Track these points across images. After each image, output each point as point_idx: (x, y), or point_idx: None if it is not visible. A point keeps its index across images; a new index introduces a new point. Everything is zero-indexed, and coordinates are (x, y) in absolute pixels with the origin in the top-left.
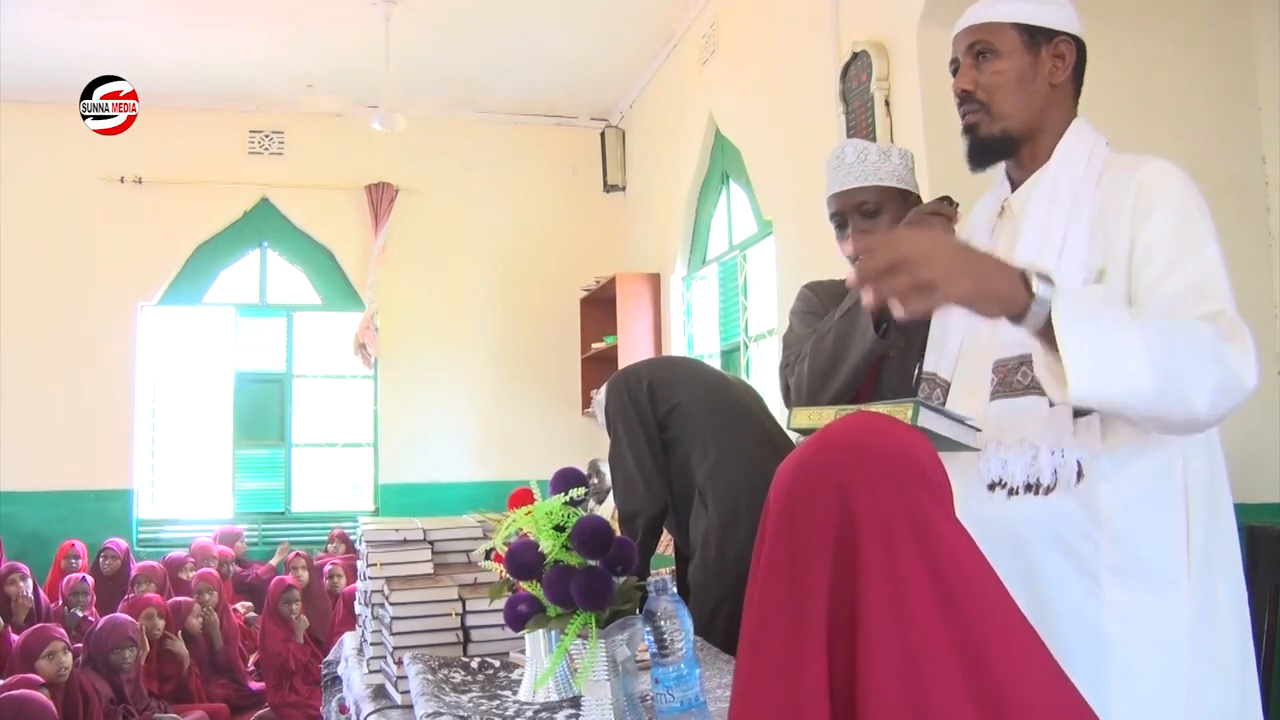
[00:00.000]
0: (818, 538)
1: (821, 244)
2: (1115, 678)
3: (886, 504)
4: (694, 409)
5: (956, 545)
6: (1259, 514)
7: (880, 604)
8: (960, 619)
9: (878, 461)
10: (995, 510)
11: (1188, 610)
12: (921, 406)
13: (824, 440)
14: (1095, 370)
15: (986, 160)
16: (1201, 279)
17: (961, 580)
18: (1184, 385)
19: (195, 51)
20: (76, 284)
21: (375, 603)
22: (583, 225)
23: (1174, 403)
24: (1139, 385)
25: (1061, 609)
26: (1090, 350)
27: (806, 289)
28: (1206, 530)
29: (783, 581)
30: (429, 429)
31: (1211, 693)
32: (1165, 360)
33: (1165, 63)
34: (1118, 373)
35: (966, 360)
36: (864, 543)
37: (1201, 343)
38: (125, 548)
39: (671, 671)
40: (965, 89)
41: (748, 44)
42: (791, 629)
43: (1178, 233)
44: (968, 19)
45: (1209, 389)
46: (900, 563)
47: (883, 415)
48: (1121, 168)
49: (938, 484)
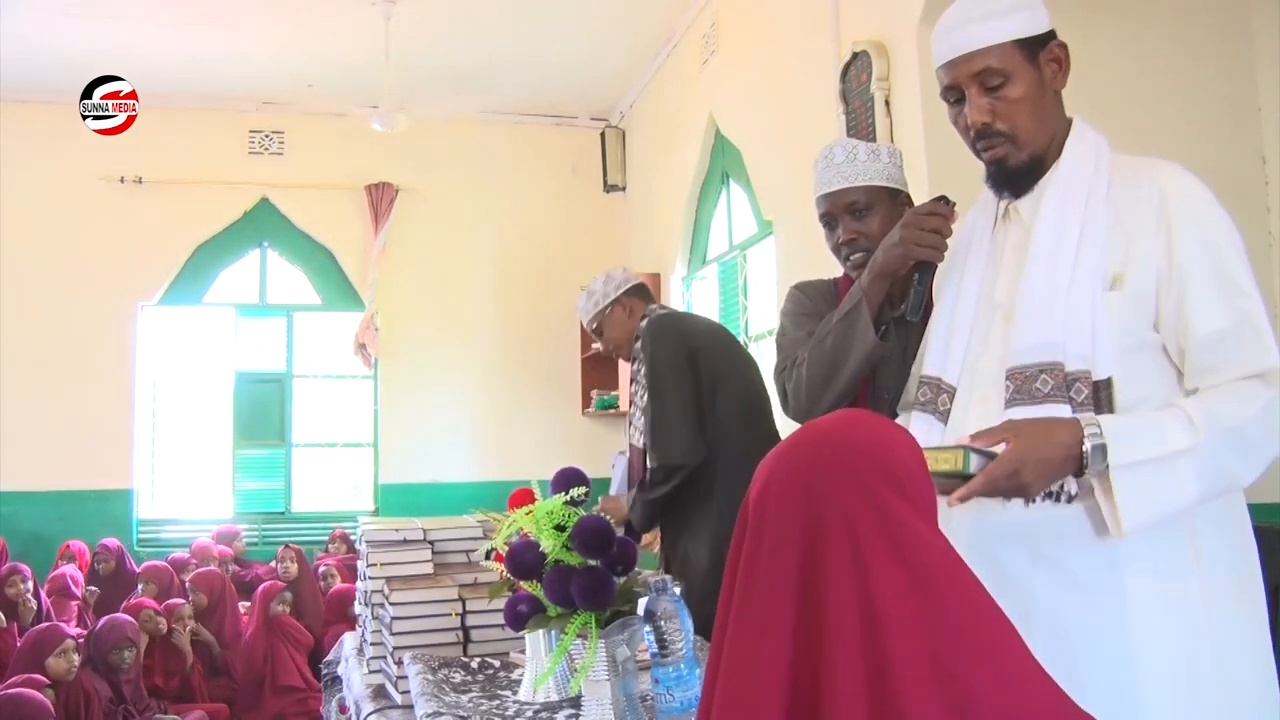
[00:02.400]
0: (786, 537)
1: (821, 244)
2: (1140, 670)
3: (851, 503)
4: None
5: (928, 545)
6: (1259, 514)
7: (845, 604)
8: (933, 619)
9: (844, 461)
10: (1010, 516)
11: (1200, 595)
12: (971, 453)
13: (797, 439)
14: (1149, 513)
15: (1019, 187)
16: (1244, 320)
17: (933, 580)
18: (1236, 474)
19: (195, 51)
20: (76, 284)
21: (375, 603)
22: (583, 225)
23: (1226, 486)
24: (1188, 504)
25: (1083, 607)
26: (1144, 501)
27: (796, 290)
28: (1218, 523)
29: (752, 579)
30: (429, 429)
31: (1234, 677)
32: (1218, 468)
33: (1165, 63)
34: (1168, 506)
35: (974, 365)
36: (830, 543)
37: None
38: (118, 547)
39: (671, 671)
40: (984, 122)
41: (748, 44)
42: (758, 627)
43: (1215, 264)
44: (959, 43)
45: (1263, 464)
46: (866, 562)
47: (863, 412)
48: (1133, 170)
49: (910, 483)
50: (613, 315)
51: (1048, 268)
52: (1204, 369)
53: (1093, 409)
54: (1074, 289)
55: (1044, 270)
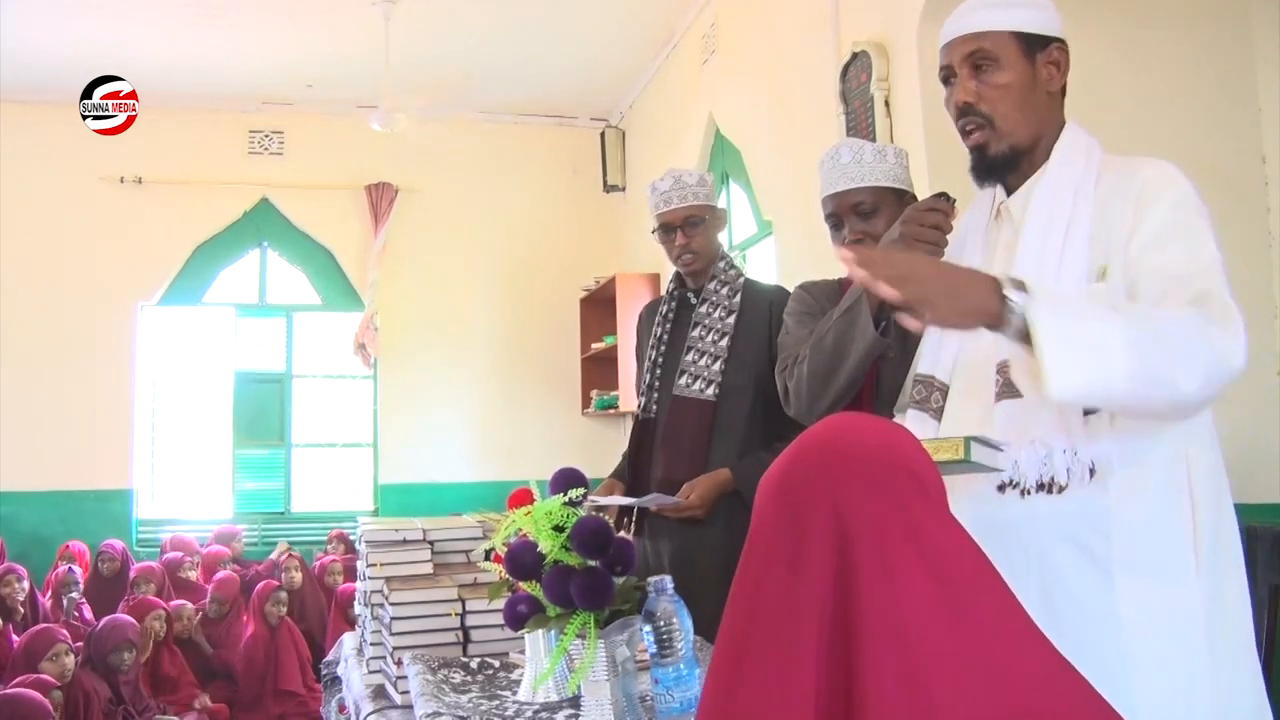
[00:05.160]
0: (812, 547)
1: (821, 244)
2: (1133, 670)
3: (878, 508)
4: None
5: (953, 543)
6: (1259, 514)
7: (878, 611)
8: (963, 621)
9: (866, 465)
10: (1006, 511)
11: (1199, 602)
12: (973, 442)
13: (808, 445)
14: (1073, 366)
15: (995, 177)
16: (1195, 263)
17: (963, 581)
18: (1169, 371)
19: (195, 51)
20: (76, 284)
21: (375, 603)
22: (583, 225)
23: (1161, 390)
24: (1118, 377)
25: (1077, 605)
26: (1066, 348)
27: (801, 289)
28: (1213, 524)
29: (776, 591)
30: (429, 429)
31: (1225, 678)
32: (1147, 350)
33: (1165, 62)
34: (1096, 367)
35: (967, 362)
36: (859, 550)
37: (1188, 328)
38: (122, 548)
39: (671, 671)
40: (966, 101)
41: (748, 44)
42: (784, 637)
43: (1176, 223)
44: (961, 25)
45: (1197, 373)
46: (897, 567)
47: (860, 415)
48: (1120, 169)
49: (928, 480)
50: (718, 217)
51: (1035, 263)
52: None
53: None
54: (1060, 283)
55: (1031, 266)
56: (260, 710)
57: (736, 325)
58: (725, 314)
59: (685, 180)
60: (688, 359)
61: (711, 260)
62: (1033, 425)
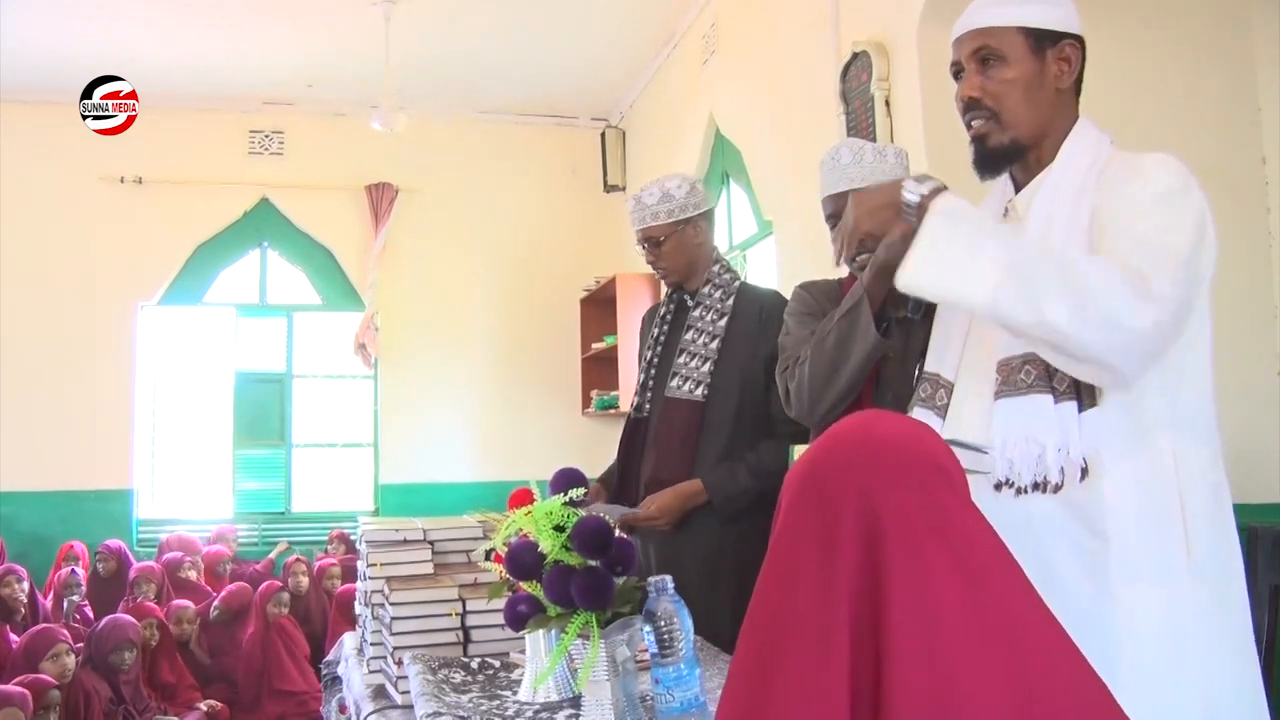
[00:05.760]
0: (840, 541)
1: (822, 244)
2: (1128, 670)
3: (907, 501)
4: None
5: (979, 536)
6: (1259, 514)
7: (908, 605)
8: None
9: (892, 458)
10: (1002, 509)
11: (1195, 601)
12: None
13: (838, 439)
14: (935, 261)
15: (995, 169)
16: (1154, 241)
17: (986, 568)
18: (1039, 295)
19: (195, 51)
20: (76, 284)
21: (375, 603)
22: (583, 225)
23: (1025, 311)
24: (979, 283)
25: (1071, 604)
26: (939, 243)
27: (801, 289)
28: (1208, 524)
29: (803, 589)
30: (429, 429)
31: (1222, 678)
32: (1028, 270)
33: (1165, 62)
34: (957, 268)
35: (970, 361)
36: (888, 538)
37: (1090, 271)
38: (119, 547)
39: (671, 672)
40: (972, 96)
41: (748, 44)
42: (814, 637)
43: (1158, 203)
44: (970, 21)
45: (1066, 304)
46: (926, 554)
47: (885, 412)
48: (1124, 164)
49: (953, 472)
50: (684, 233)
51: None
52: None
53: (1074, 399)
54: None
55: None
56: (260, 711)
57: (727, 328)
58: (717, 317)
59: (644, 200)
60: (679, 361)
61: (688, 271)
62: (1028, 423)
